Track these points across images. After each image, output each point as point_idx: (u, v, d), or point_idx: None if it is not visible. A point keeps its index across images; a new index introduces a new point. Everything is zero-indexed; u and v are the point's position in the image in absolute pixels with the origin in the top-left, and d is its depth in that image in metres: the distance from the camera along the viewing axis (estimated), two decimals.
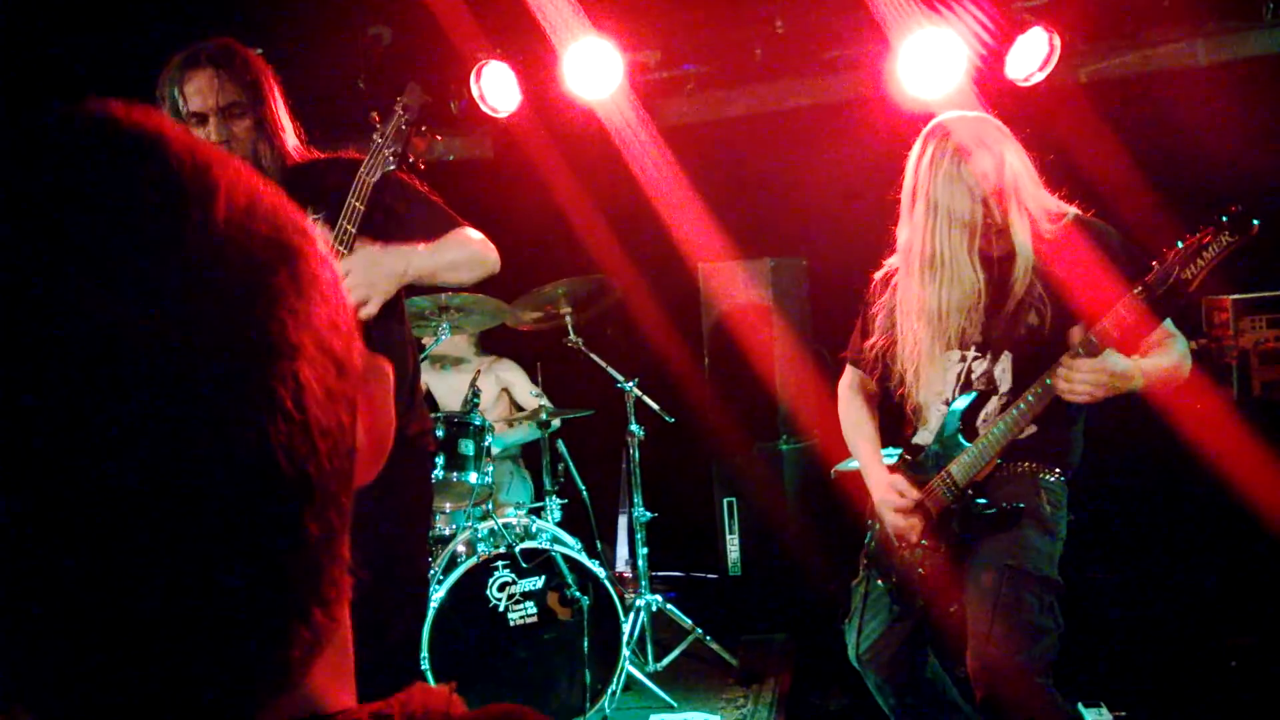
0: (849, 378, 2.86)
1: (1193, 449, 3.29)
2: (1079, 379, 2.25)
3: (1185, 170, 3.94)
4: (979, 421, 2.51)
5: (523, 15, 3.99)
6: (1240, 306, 3.87)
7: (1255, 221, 2.05)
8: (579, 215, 4.51)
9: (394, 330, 2.59)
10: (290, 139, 2.54)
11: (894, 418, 2.77)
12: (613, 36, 4.22)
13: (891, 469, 2.66)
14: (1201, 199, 3.82)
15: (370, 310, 2.36)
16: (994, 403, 2.50)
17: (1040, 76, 3.97)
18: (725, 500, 4.51)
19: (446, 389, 4.52)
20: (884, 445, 2.78)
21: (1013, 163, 2.39)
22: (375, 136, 2.47)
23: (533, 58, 4.35)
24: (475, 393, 3.78)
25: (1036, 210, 2.43)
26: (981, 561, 2.42)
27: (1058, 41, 3.89)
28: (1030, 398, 2.36)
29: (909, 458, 2.65)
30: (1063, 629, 2.37)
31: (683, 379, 4.59)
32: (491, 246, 2.61)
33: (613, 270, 4.33)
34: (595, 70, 4.26)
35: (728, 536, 4.52)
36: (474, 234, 2.59)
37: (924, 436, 2.62)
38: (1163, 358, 2.38)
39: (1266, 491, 3.24)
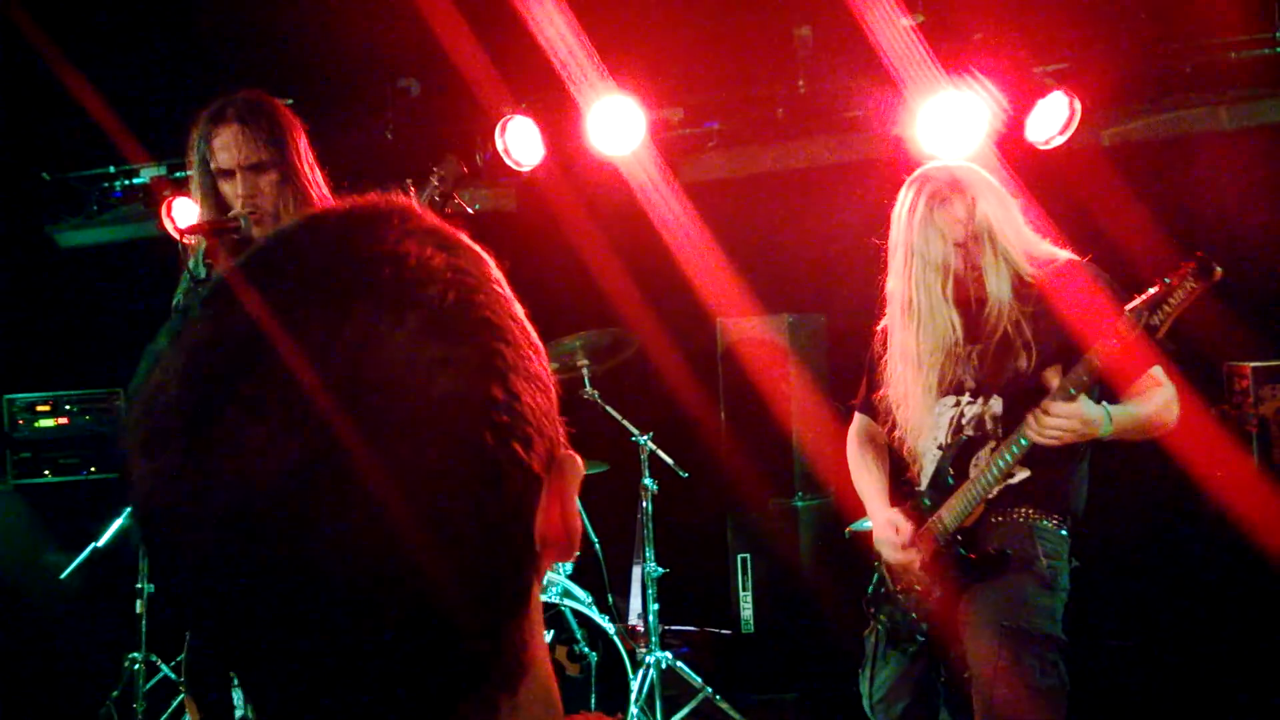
0: (857, 424, 2.91)
1: (1215, 517, 3.25)
2: (1050, 424, 2.27)
3: (1209, 235, 3.93)
4: (972, 466, 2.51)
5: (547, 72, 4.06)
6: (1261, 374, 3.83)
7: (1218, 269, 2.10)
8: (600, 269, 4.54)
9: None
10: (318, 191, 2.57)
11: (897, 465, 2.79)
12: (636, 94, 4.28)
13: (893, 506, 2.69)
14: (1226, 265, 3.83)
15: None
16: (987, 448, 2.50)
17: (1061, 140, 3.98)
18: (740, 556, 4.47)
19: None
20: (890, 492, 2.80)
21: (987, 208, 2.43)
22: None
23: (557, 113, 4.42)
24: None
25: (1017, 255, 2.45)
26: (979, 621, 2.40)
27: (1078, 106, 3.90)
28: (1014, 447, 2.36)
29: (907, 504, 2.66)
30: (1068, 686, 2.35)
31: (700, 432, 4.58)
32: None
33: (632, 323, 4.35)
34: (618, 127, 4.31)
35: (741, 593, 4.47)
36: None
37: (921, 482, 2.64)
38: (1141, 406, 2.39)
39: None
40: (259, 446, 0.50)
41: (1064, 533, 2.49)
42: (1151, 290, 2.17)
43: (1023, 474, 2.45)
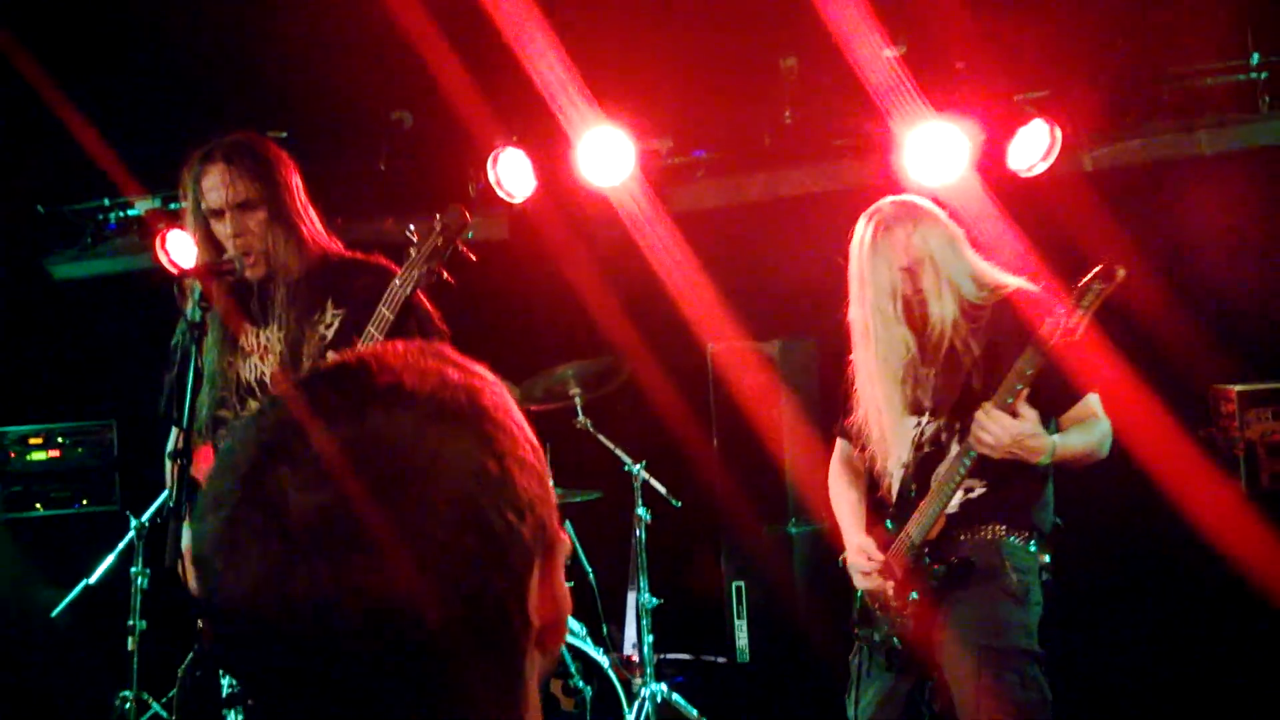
0: (836, 451, 3.01)
1: (1201, 541, 3.27)
2: (989, 427, 2.35)
3: (1192, 258, 3.98)
4: (932, 481, 2.59)
5: (538, 104, 4.11)
6: (1246, 398, 3.86)
7: (1120, 270, 2.27)
8: (591, 297, 4.57)
9: None
10: (309, 228, 2.60)
11: (870, 485, 2.88)
12: (625, 125, 4.34)
13: (867, 532, 2.77)
14: (1209, 287, 3.88)
15: None
16: (946, 462, 2.58)
17: (1043, 167, 4.04)
18: (734, 584, 4.48)
19: None
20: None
21: (928, 234, 2.57)
22: (411, 251, 2.48)
23: (548, 145, 4.47)
24: None
25: (962, 279, 2.57)
26: (956, 641, 2.45)
27: (1059, 133, 3.96)
28: (965, 459, 2.45)
29: (879, 528, 2.74)
30: (1050, 698, 2.39)
31: (692, 460, 4.59)
32: None
33: (623, 351, 4.37)
34: (608, 157, 4.36)
35: (736, 622, 4.47)
36: None
37: (891, 500, 2.72)
38: (1083, 436, 2.49)
39: (1276, 583, 3.21)
40: (296, 487, 0.64)
41: (1032, 548, 2.55)
42: (1068, 295, 2.31)
43: (979, 488, 2.54)
